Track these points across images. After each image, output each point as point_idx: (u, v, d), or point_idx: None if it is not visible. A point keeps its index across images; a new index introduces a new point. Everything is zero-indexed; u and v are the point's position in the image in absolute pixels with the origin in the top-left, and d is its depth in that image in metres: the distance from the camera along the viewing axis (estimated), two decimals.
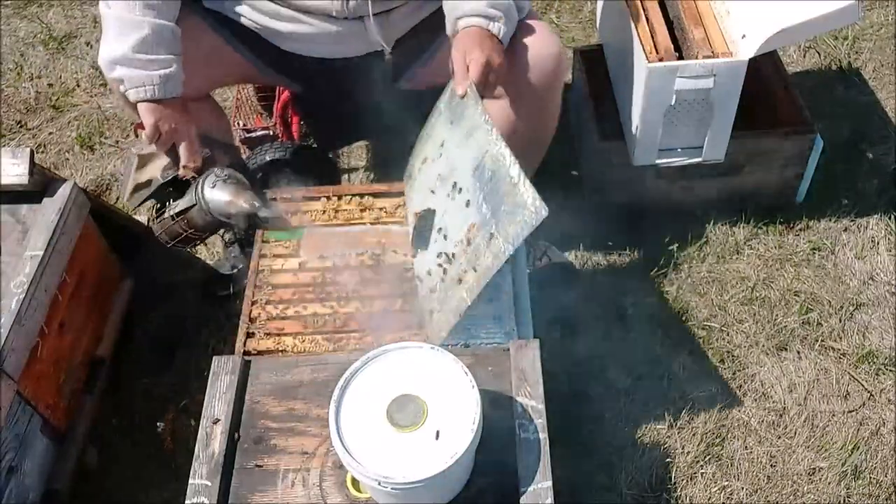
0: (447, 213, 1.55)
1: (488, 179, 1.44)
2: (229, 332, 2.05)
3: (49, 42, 3.00)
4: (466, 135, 1.54)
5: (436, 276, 1.53)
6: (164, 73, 1.64)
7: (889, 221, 2.29)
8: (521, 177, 1.38)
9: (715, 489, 1.81)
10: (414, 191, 1.71)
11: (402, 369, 1.29)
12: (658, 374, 1.99)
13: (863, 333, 2.07)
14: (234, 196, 1.67)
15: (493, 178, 1.43)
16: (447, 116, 1.64)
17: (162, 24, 1.64)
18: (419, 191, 1.67)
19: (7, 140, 2.65)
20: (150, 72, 1.63)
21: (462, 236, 1.48)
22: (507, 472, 1.30)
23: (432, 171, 1.64)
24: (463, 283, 1.45)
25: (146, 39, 1.62)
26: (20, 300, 1.65)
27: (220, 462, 1.33)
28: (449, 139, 1.62)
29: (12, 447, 1.63)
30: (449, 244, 1.52)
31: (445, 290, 1.49)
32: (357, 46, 1.82)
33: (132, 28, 1.62)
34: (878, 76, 2.74)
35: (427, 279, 1.56)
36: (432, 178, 1.63)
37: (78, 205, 1.88)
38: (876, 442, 1.87)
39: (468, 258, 1.46)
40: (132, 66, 1.63)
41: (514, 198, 1.37)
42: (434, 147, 1.66)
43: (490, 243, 1.40)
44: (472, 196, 1.49)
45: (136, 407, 1.98)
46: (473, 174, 1.49)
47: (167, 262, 2.28)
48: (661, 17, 2.11)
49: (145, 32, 1.62)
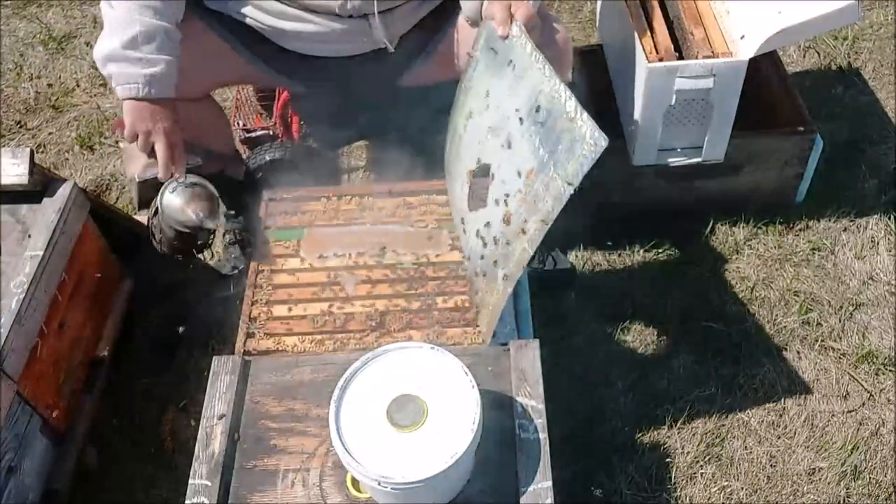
0: (502, 165, 1.49)
1: (543, 120, 1.39)
2: (229, 332, 2.05)
3: (49, 42, 3.00)
4: (516, 78, 1.48)
5: (492, 232, 1.49)
6: (152, 71, 1.62)
7: (889, 221, 2.29)
8: (577, 110, 1.32)
9: (715, 489, 1.81)
10: (463, 149, 1.65)
11: (402, 369, 1.29)
12: (658, 374, 1.99)
13: (862, 333, 2.07)
14: (186, 204, 1.63)
15: (549, 117, 1.37)
16: (487, 64, 1.58)
17: (156, 25, 1.63)
18: (469, 147, 1.62)
19: (7, 140, 2.65)
20: (139, 69, 1.62)
21: (520, 185, 1.42)
22: (507, 472, 1.30)
23: (481, 124, 1.57)
24: (525, 233, 1.40)
25: (135, 38, 1.61)
26: (20, 300, 1.65)
27: (220, 462, 1.33)
28: (495, 87, 1.55)
29: (12, 447, 1.63)
30: (507, 194, 1.46)
31: (506, 244, 1.45)
32: (361, 44, 1.82)
33: (125, 26, 1.62)
34: (877, 76, 2.74)
35: (478, 248, 1.54)
36: (482, 131, 1.56)
37: (78, 205, 1.88)
38: (875, 442, 1.87)
39: (527, 207, 1.40)
40: (120, 62, 1.63)
41: (571, 133, 1.32)
42: (478, 99, 1.59)
43: (549, 186, 1.35)
44: (528, 141, 1.42)
45: (136, 407, 1.97)
46: (528, 118, 1.43)
47: (167, 262, 2.27)
48: (661, 17, 2.11)
49: (136, 30, 1.61)
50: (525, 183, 1.41)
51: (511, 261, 1.45)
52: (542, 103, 1.40)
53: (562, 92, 1.36)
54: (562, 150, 1.34)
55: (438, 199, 1.78)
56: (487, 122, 1.55)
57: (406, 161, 1.85)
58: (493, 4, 1.57)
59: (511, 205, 1.45)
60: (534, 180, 1.39)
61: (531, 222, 1.39)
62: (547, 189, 1.36)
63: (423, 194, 1.80)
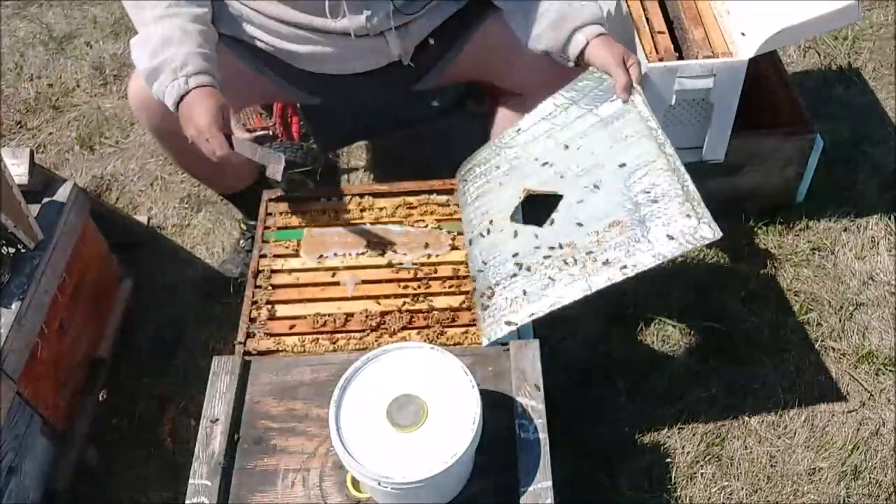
0: (582, 206, 1.55)
1: (649, 189, 1.48)
2: (229, 332, 2.05)
3: (49, 42, 3.00)
4: (625, 138, 1.58)
5: (532, 257, 1.53)
6: (173, 66, 1.58)
7: (889, 221, 2.29)
8: (694, 197, 1.43)
9: (715, 489, 1.81)
10: (521, 163, 1.69)
11: (402, 369, 1.29)
12: (658, 374, 1.99)
13: (862, 333, 2.07)
14: None
15: (659, 192, 1.47)
16: (585, 110, 1.67)
17: (170, 27, 1.61)
18: (534, 166, 1.67)
19: (7, 140, 2.65)
20: (165, 74, 1.59)
21: (599, 228, 1.48)
22: (507, 472, 1.30)
23: (565, 158, 1.64)
24: (587, 269, 1.45)
25: (155, 48, 1.60)
26: (20, 300, 1.65)
27: (220, 462, 1.33)
28: (595, 132, 1.63)
29: (12, 447, 1.63)
30: (579, 232, 1.51)
31: (556, 270, 1.48)
32: (376, 60, 1.80)
33: (144, 43, 1.61)
34: (877, 76, 2.74)
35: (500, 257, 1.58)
36: (563, 162, 1.63)
37: (78, 205, 1.88)
38: (875, 442, 1.87)
39: (600, 250, 1.46)
40: (152, 79, 1.60)
41: (681, 209, 1.42)
42: (571, 134, 1.66)
43: (634, 247, 1.42)
44: (620, 196, 1.50)
45: (136, 407, 1.98)
46: (629, 177, 1.51)
47: (167, 262, 2.28)
48: (661, 17, 2.11)
49: (153, 41, 1.60)
50: (605, 231, 1.47)
51: (560, 288, 1.47)
52: (653, 178, 1.49)
53: (681, 171, 1.47)
54: (660, 223, 1.42)
55: (438, 199, 1.79)
56: (577, 160, 1.62)
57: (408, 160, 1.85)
58: (607, 57, 1.63)
59: (572, 243, 1.50)
60: (618, 231, 1.46)
61: (597, 265, 1.44)
62: (632, 247, 1.42)
63: (423, 194, 1.80)
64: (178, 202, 2.43)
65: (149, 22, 1.62)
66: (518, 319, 1.47)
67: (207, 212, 2.40)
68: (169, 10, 1.62)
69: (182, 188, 2.47)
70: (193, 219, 2.39)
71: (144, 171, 2.54)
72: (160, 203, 2.44)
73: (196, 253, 2.31)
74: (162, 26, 1.61)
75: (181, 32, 1.62)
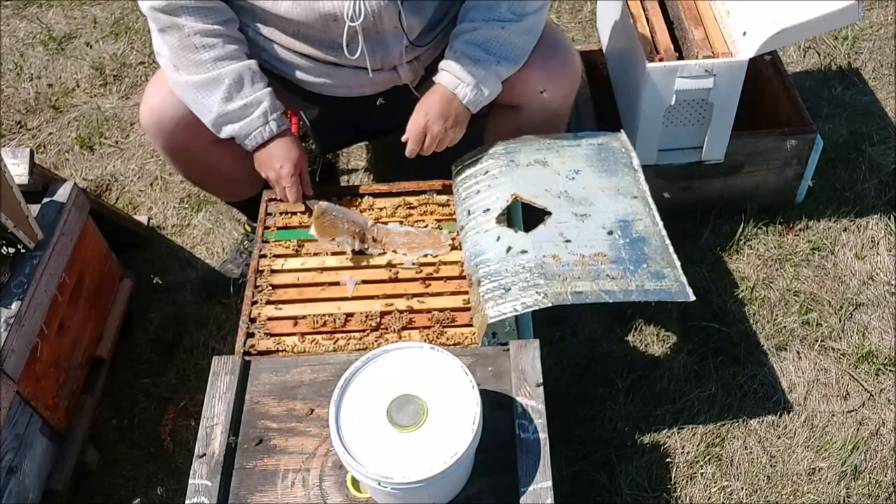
0: (570, 227, 1.61)
1: (633, 238, 1.59)
2: (229, 331, 2.05)
3: (49, 42, 3.00)
4: (614, 189, 1.69)
5: (525, 257, 1.55)
6: (261, 109, 1.63)
7: (889, 221, 2.29)
8: (674, 260, 1.56)
9: (715, 489, 1.81)
10: (512, 171, 1.71)
11: (402, 369, 1.29)
12: (658, 374, 1.99)
13: (862, 333, 2.07)
14: None
15: (641, 240, 1.58)
16: (590, 154, 1.77)
17: (236, 67, 1.62)
18: (526, 179, 1.70)
19: (7, 140, 2.65)
20: (250, 116, 1.63)
21: (585, 253, 1.55)
22: (507, 472, 1.30)
23: (557, 182, 1.70)
24: (567, 281, 1.50)
25: (229, 90, 1.61)
26: (20, 300, 1.65)
27: (220, 462, 1.33)
28: (590, 175, 1.72)
29: (12, 447, 1.63)
30: (564, 250, 1.56)
31: (541, 273, 1.51)
32: (384, 85, 1.82)
33: (212, 84, 1.61)
34: (877, 76, 2.74)
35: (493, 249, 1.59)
36: (556, 186, 1.69)
37: (78, 205, 1.88)
38: (875, 442, 1.87)
39: (581, 271, 1.52)
40: (232, 121, 1.63)
41: (661, 267, 1.53)
42: (564, 166, 1.74)
43: (615, 281, 1.50)
44: (606, 236, 1.59)
45: (136, 407, 1.98)
46: (616, 222, 1.61)
47: (167, 262, 2.28)
48: (661, 17, 2.11)
49: (225, 83, 1.61)
50: (589, 258, 1.55)
51: (547, 288, 1.49)
52: (636, 226, 1.61)
53: (664, 238, 1.60)
54: (646, 269, 1.53)
55: (438, 199, 1.79)
56: (568, 188, 1.69)
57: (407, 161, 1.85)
58: (419, 110, 1.68)
59: (555, 255, 1.56)
60: (598, 260, 1.54)
61: (582, 283, 1.50)
62: (614, 279, 1.51)
63: (423, 194, 1.80)
64: (178, 202, 2.44)
65: (207, 63, 1.61)
66: (495, 315, 1.47)
67: (207, 212, 2.40)
68: (226, 49, 1.62)
69: (182, 188, 2.47)
70: (193, 219, 2.39)
71: (144, 171, 2.54)
72: (160, 203, 2.44)
73: (196, 253, 2.31)
74: (230, 67, 1.61)
75: (251, 73, 1.64)
